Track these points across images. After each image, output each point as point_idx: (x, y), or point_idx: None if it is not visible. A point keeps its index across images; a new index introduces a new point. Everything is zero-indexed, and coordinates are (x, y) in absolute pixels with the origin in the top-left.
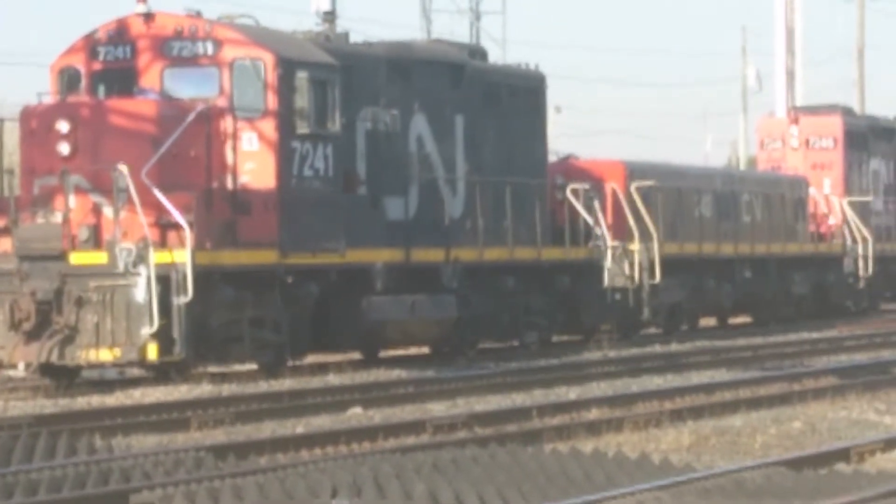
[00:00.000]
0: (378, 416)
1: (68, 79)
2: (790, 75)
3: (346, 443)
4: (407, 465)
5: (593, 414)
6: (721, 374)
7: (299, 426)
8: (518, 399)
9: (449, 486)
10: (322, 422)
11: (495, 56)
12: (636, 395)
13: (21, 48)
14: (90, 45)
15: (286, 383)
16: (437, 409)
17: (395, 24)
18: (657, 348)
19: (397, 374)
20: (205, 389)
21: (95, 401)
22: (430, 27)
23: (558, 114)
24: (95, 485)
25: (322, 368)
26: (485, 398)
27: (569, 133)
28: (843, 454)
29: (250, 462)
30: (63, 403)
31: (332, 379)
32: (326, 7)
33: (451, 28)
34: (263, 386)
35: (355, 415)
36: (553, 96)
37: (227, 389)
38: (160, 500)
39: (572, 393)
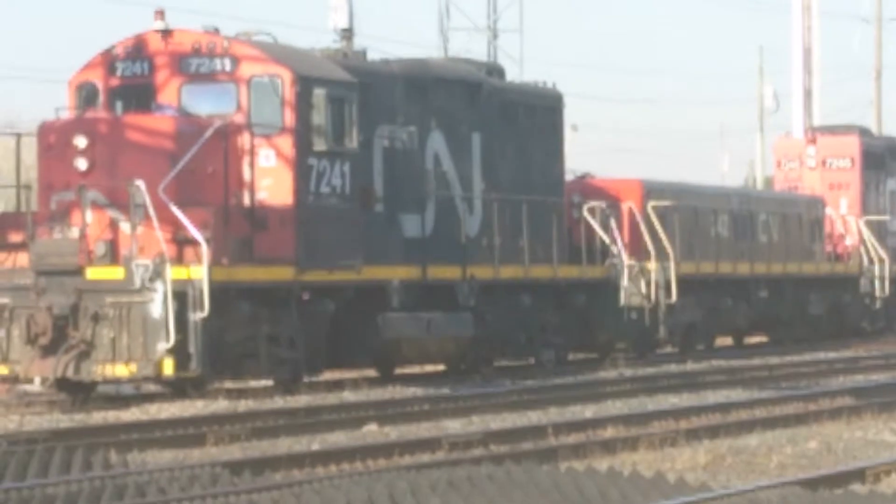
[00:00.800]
0: (394, 433)
1: (86, 94)
2: (807, 95)
3: (362, 459)
4: (422, 483)
5: (609, 432)
6: (737, 394)
7: (315, 443)
8: (534, 417)
9: None
10: (337, 438)
11: (513, 74)
12: (652, 413)
13: (38, 64)
14: (108, 60)
15: (302, 399)
16: (453, 426)
17: (413, 41)
18: (673, 367)
19: (413, 391)
20: (221, 405)
21: (111, 416)
22: (448, 45)
23: (575, 132)
24: (111, 500)
25: (338, 385)
26: (500, 416)
27: (586, 152)
28: (859, 475)
29: (266, 478)
30: (79, 418)
31: (348, 395)
32: (344, 24)
33: (469, 46)
34: (279, 402)
35: (371, 431)
36: (570, 114)
37: (243, 405)
38: None
39: (588, 411)
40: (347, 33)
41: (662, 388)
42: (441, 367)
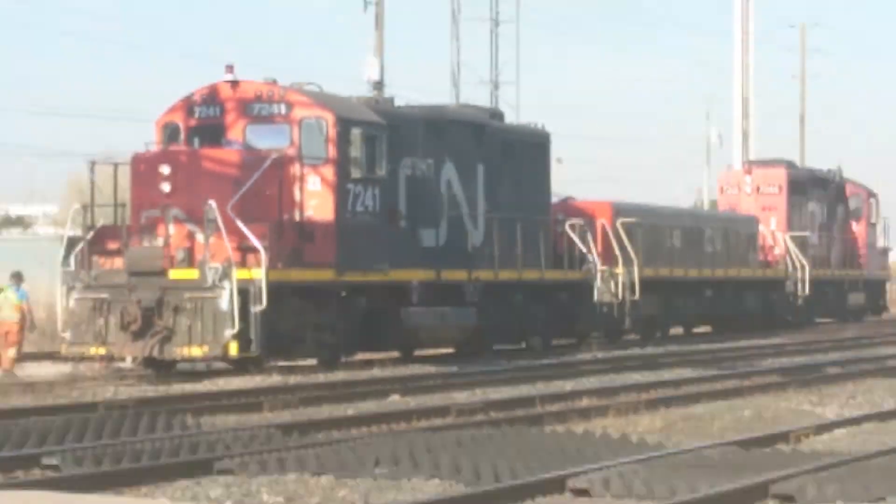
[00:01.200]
0: (413, 402)
1: (169, 132)
2: (745, 136)
3: (387, 423)
4: (435, 442)
5: (584, 402)
6: (687, 372)
7: (350, 409)
8: (524, 390)
9: (469, 459)
10: (368, 406)
11: (511, 117)
12: (619, 387)
13: (124, 107)
14: (187, 105)
15: (339, 375)
16: (460, 397)
17: (432, 90)
18: (636, 351)
19: (428, 369)
20: (275, 379)
21: (188, 387)
22: (459, 94)
23: (560, 164)
24: (186, 454)
25: (368, 364)
26: (498, 389)
27: (568, 180)
28: (784, 437)
29: (310, 437)
30: (161, 389)
31: (377, 372)
32: (376, 77)
33: (476, 95)
34: (321, 377)
35: (394, 401)
36: (556, 149)
37: (293, 380)
38: (238, 467)
39: (568, 385)
40: (379, 84)
41: (627, 367)
42: (451, 350)
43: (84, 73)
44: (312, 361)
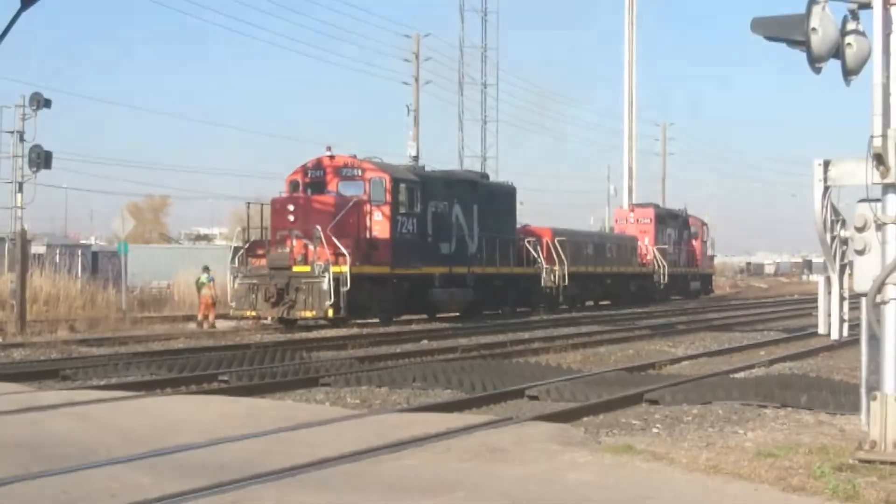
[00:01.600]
0: (435, 344)
1: (293, 185)
2: (630, 190)
3: (420, 356)
4: (448, 367)
5: (536, 345)
6: (595, 328)
7: (398, 348)
8: (501, 337)
9: (468, 377)
10: (408, 346)
11: (493, 177)
12: (556, 336)
13: (264, 171)
14: (304, 169)
15: (392, 328)
16: (463, 341)
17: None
18: (566, 315)
19: (444, 325)
20: (354, 331)
21: (303, 335)
22: (462, 163)
23: (521, 205)
24: (302, 374)
25: (409, 322)
26: (485, 336)
27: (527, 213)
28: (652, 366)
29: (374, 364)
30: (288, 336)
31: (414, 326)
32: (414, 153)
33: (472, 164)
34: (381, 329)
35: (425, 344)
36: (520, 196)
37: (365, 331)
38: (333, 382)
39: (526, 335)
40: (415, 158)
41: (560, 324)
42: (457, 314)
43: (242, 154)
44: (376, 320)
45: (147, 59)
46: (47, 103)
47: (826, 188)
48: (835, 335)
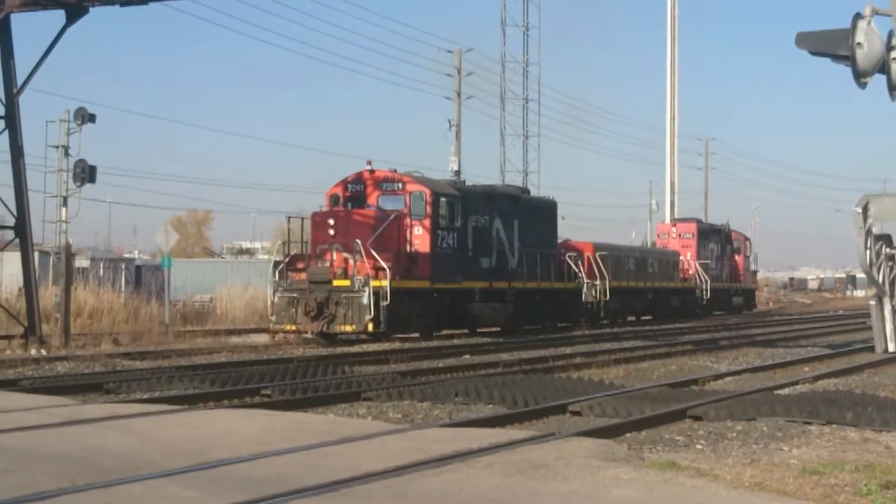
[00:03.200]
0: (476, 359)
1: (333, 199)
2: (672, 205)
3: (462, 371)
4: (490, 382)
5: (578, 360)
6: (638, 343)
7: (440, 363)
8: (542, 352)
9: (510, 392)
10: (450, 361)
11: (535, 191)
12: (598, 351)
13: (306, 185)
14: (344, 183)
15: (434, 343)
16: (505, 356)
17: (489, 176)
18: (607, 330)
19: (486, 340)
20: (396, 345)
21: (345, 349)
22: (504, 178)
23: (563, 220)
24: (344, 388)
25: (450, 337)
26: (527, 351)
27: (569, 228)
28: (695, 382)
29: (417, 378)
30: (330, 350)
31: (455, 341)
32: (456, 168)
33: (514, 178)
34: (423, 344)
35: (466, 358)
36: (562, 211)
37: (407, 345)
38: (375, 396)
39: (568, 350)
40: (457, 173)
41: (602, 339)
42: (498, 329)
43: (284, 169)
44: (416, 335)
45: (192, 73)
46: (92, 118)
47: (868, 230)
48: (892, 347)
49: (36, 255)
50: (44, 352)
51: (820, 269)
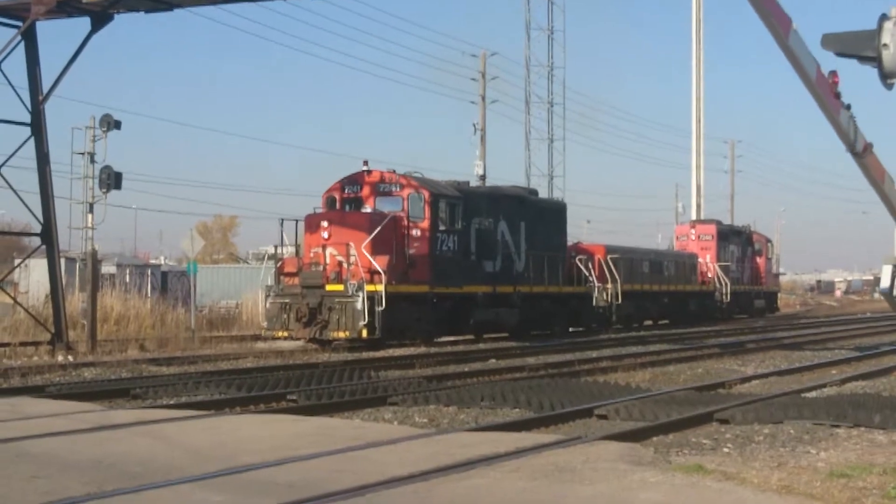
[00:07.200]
0: (502, 363)
1: (330, 201)
2: (698, 207)
3: (488, 376)
4: (516, 386)
5: (604, 364)
6: (664, 346)
7: (465, 367)
8: (568, 357)
9: (536, 396)
10: (476, 365)
11: (560, 195)
12: (624, 355)
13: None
14: (341, 185)
15: (460, 347)
16: (530, 360)
17: (512, 179)
18: (633, 334)
19: (512, 344)
20: (422, 349)
21: (370, 354)
22: (529, 181)
23: (588, 223)
24: (370, 393)
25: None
26: (553, 355)
27: (595, 231)
28: (722, 385)
29: (443, 383)
30: (356, 355)
31: (482, 346)
32: (481, 172)
33: (539, 181)
34: (448, 349)
35: (492, 363)
36: (582, 213)
37: (433, 349)
38: (401, 400)
39: (594, 354)
40: (482, 177)
41: (628, 343)
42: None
43: (306, 173)
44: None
45: (219, 81)
46: (117, 125)
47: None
48: None
49: (62, 261)
50: (70, 358)
51: (847, 271)
